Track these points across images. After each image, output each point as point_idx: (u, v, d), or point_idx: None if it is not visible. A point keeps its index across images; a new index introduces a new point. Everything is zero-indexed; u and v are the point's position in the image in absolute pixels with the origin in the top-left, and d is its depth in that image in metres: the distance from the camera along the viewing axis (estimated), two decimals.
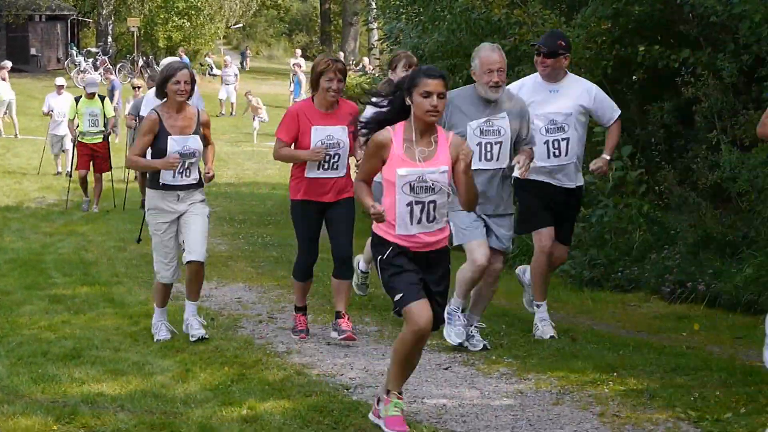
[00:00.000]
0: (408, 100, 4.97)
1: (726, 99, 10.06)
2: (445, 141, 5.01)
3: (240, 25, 48.53)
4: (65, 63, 39.02)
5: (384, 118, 5.09)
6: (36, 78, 31.69)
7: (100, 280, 9.54)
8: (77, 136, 15.03)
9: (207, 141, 7.18)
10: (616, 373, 6.05)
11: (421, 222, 4.98)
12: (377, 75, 14.70)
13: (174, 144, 6.91)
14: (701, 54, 10.20)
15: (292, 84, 33.01)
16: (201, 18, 40.89)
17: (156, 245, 7.10)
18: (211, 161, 7.27)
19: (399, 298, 4.93)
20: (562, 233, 7.32)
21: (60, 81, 19.11)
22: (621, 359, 6.46)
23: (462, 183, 5.02)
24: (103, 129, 15.02)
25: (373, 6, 16.87)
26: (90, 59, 37.04)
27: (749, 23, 9.32)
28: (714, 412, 5.23)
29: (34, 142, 23.18)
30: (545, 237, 7.18)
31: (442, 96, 4.93)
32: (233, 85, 32.48)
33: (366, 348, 6.96)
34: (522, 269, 7.70)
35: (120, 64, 37.05)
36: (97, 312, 8.08)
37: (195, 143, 7.01)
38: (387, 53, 15.72)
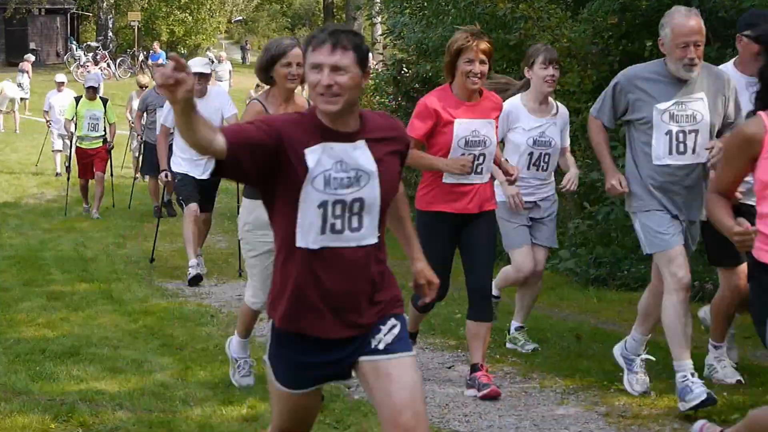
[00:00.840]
0: None
1: None
2: None
3: (241, 18, 48.50)
4: (65, 58, 39.00)
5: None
6: (35, 73, 31.55)
7: (98, 277, 9.47)
8: (75, 140, 13.99)
9: None
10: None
11: None
12: (380, 70, 14.55)
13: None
14: (709, 49, 10.09)
15: None
16: (203, 12, 40.86)
17: (253, 266, 5.66)
18: None
19: None
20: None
21: (60, 78, 18.34)
22: None
23: None
24: (103, 134, 13.86)
25: (377, 0, 16.77)
26: (90, 54, 37.00)
27: None
28: (721, 412, 5.18)
29: (32, 137, 23.13)
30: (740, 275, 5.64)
31: None
32: (227, 81, 32.02)
33: None
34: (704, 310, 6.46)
35: (120, 58, 37.05)
36: (96, 309, 8.02)
37: None
38: (390, 48, 15.59)
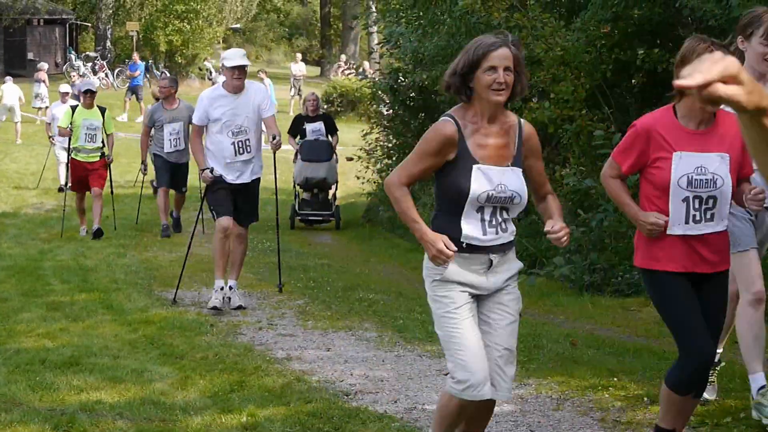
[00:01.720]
0: None
1: None
2: None
3: (238, 26, 48.48)
4: (64, 68, 39.03)
5: None
6: (33, 83, 31.52)
7: (98, 286, 9.51)
8: (71, 151, 13.02)
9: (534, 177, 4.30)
10: (616, 379, 6.04)
11: None
12: (377, 79, 14.64)
13: (482, 179, 4.05)
14: None
15: (292, 89, 32.97)
16: (200, 21, 40.88)
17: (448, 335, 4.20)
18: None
19: None
20: None
21: (65, 88, 17.69)
22: (621, 364, 6.45)
23: None
24: (101, 146, 12.86)
25: (373, 10, 16.88)
26: (89, 64, 37.05)
27: None
28: (713, 416, 5.22)
29: (32, 147, 23.15)
30: None
31: None
32: None
33: (366, 354, 6.93)
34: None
35: (118, 68, 37.08)
36: (96, 319, 8.06)
37: (513, 180, 4.11)
38: (387, 57, 15.68)
